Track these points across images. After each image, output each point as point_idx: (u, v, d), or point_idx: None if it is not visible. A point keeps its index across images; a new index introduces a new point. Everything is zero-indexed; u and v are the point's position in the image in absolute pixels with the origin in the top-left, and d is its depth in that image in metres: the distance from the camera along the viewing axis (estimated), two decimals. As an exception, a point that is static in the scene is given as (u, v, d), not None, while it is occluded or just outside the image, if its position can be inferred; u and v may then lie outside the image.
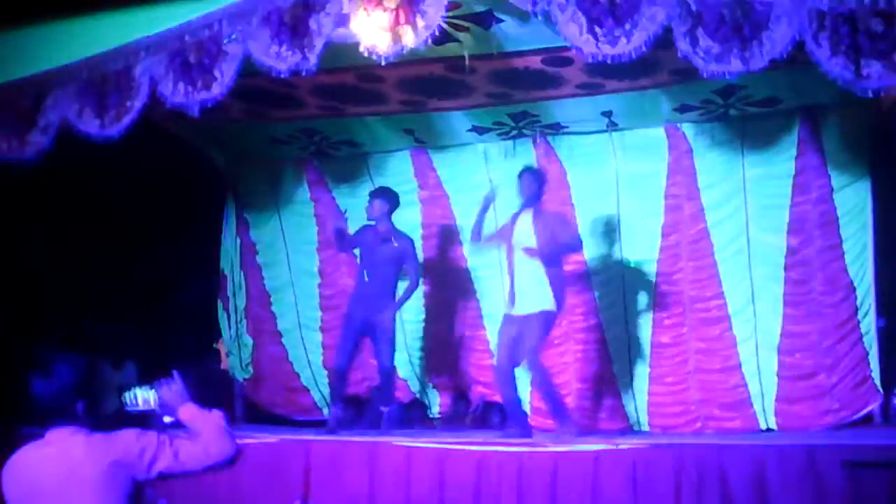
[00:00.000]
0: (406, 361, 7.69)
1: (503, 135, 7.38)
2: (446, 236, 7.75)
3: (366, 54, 4.81)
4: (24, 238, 7.19)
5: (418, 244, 7.63)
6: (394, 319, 6.75)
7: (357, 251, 7.20)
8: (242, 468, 5.19)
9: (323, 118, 7.15)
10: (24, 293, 7.33)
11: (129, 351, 7.78)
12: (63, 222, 7.56)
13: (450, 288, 7.72)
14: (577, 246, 6.59)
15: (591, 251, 7.08)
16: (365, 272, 6.84)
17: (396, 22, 4.68)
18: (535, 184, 6.38)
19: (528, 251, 6.13)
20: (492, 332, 7.51)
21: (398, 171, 7.74)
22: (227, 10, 5.08)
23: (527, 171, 6.48)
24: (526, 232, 6.27)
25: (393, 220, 6.91)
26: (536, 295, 6.14)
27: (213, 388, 2.59)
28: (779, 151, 6.88)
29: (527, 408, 7.30)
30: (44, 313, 7.69)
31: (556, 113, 7.00)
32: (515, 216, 6.40)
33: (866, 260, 6.67)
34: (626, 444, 5.40)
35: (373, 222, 6.90)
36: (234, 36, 5.04)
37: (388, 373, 6.77)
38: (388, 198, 6.85)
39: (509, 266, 6.31)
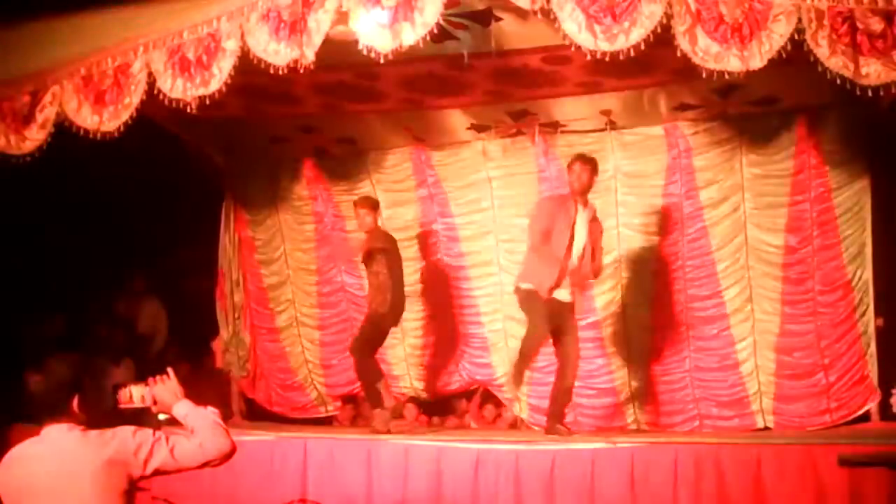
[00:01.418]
0: (404, 359, 7.69)
1: (502, 133, 7.38)
2: (445, 234, 7.74)
3: (364, 52, 4.81)
4: (22, 235, 7.19)
5: (416, 241, 7.64)
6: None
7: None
8: (241, 465, 5.19)
9: (321, 115, 7.15)
10: (21, 290, 7.33)
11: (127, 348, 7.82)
12: (61, 219, 7.56)
13: (448, 285, 7.72)
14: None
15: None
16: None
17: (395, 19, 4.68)
18: (587, 172, 6.20)
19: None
20: (489, 329, 7.52)
21: (397, 168, 7.73)
22: (226, 7, 5.08)
23: (582, 159, 6.29)
24: (584, 227, 6.18)
25: (392, 217, 6.94)
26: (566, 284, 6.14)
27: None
28: (777, 150, 6.87)
29: (525, 405, 7.34)
30: (41, 310, 7.69)
31: (555, 111, 6.99)
32: (570, 201, 6.20)
33: (864, 259, 6.67)
34: (623, 442, 5.42)
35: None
36: (232, 32, 5.05)
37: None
38: (374, 205, 6.96)
39: (560, 254, 6.08)
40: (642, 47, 4.54)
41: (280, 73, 5.03)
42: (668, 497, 5.05)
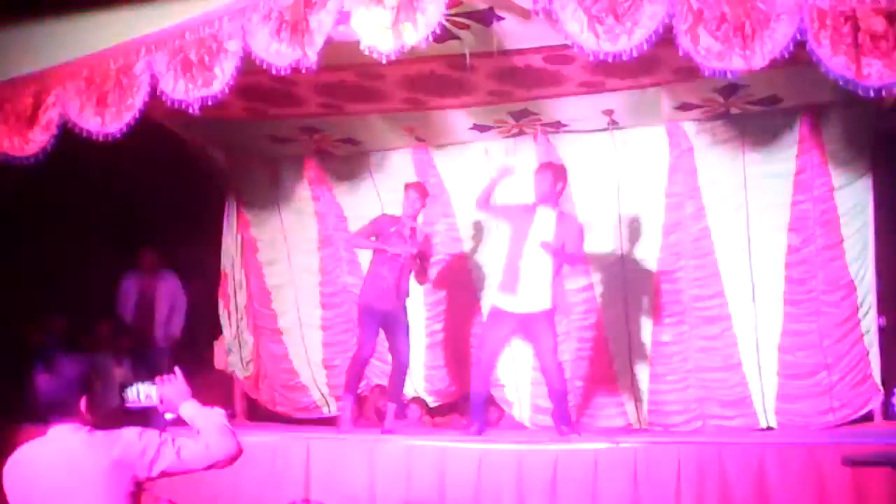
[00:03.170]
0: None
1: (504, 133, 7.38)
2: (447, 234, 7.74)
3: (367, 52, 4.81)
4: (25, 236, 7.19)
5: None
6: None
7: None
8: (243, 466, 5.16)
9: (324, 116, 7.15)
10: (25, 291, 7.33)
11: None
12: (64, 220, 7.56)
13: (450, 286, 7.72)
14: (581, 261, 6.57)
15: (592, 249, 7.06)
16: (386, 265, 6.55)
17: (397, 19, 4.68)
18: (548, 180, 6.18)
19: (545, 245, 6.03)
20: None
21: (399, 169, 7.73)
22: (228, 8, 5.08)
23: (542, 167, 6.34)
24: (547, 229, 6.12)
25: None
26: (539, 293, 6.08)
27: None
28: (780, 150, 6.88)
29: (527, 405, 7.34)
30: (46, 311, 7.70)
31: (557, 111, 6.99)
32: (532, 208, 6.22)
33: (867, 258, 6.68)
34: (626, 442, 5.41)
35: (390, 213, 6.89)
36: (234, 33, 5.05)
37: (406, 369, 6.73)
38: (426, 192, 6.79)
39: (517, 258, 6.11)
40: (644, 47, 4.54)
41: (282, 73, 5.03)
42: (670, 497, 5.05)
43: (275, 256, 8.11)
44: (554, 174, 6.24)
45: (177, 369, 3.04)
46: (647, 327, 7.18)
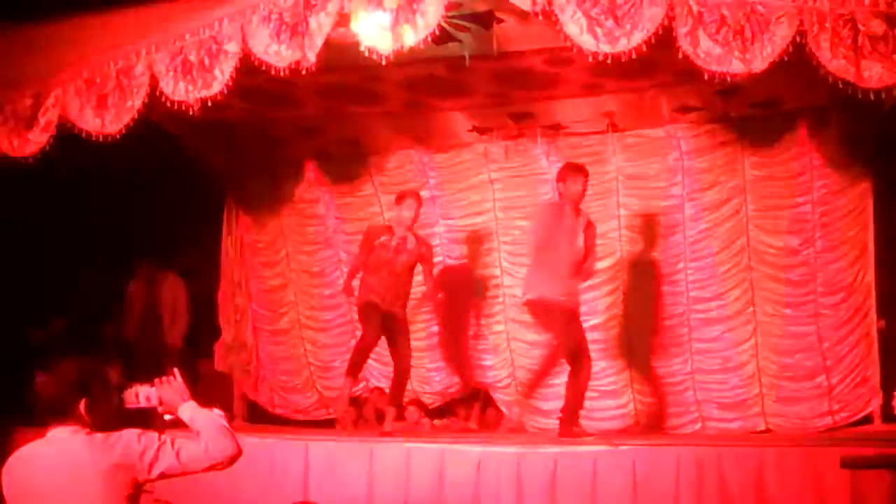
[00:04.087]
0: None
1: (504, 135, 7.37)
2: (446, 236, 7.73)
3: (366, 54, 4.81)
4: (24, 237, 7.20)
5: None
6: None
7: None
8: (242, 468, 5.15)
9: (323, 118, 7.15)
10: (25, 292, 7.33)
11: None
12: (63, 221, 7.56)
13: (451, 288, 7.71)
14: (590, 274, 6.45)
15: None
16: (378, 274, 6.50)
17: (396, 21, 4.69)
18: (582, 183, 6.03)
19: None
20: (492, 332, 7.51)
21: (398, 171, 7.73)
22: (228, 9, 5.09)
23: (576, 170, 6.13)
24: (576, 232, 6.05)
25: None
26: (572, 290, 6.10)
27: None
28: (779, 152, 6.88)
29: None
30: (46, 311, 7.70)
31: (556, 113, 7.00)
32: (559, 208, 6.10)
33: (866, 261, 6.67)
34: (625, 444, 5.41)
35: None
36: (233, 34, 5.05)
37: (407, 373, 6.69)
38: (421, 200, 6.74)
39: (550, 256, 6.01)
40: (644, 49, 4.54)
41: (281, 74, 5.03)
42: (669, 500, 5.03)
43: (274, 258, 8.10)
44: (586, 178, 6.10)
45: (175, 370, 3.04)
46: (646, 330, 7.17)
